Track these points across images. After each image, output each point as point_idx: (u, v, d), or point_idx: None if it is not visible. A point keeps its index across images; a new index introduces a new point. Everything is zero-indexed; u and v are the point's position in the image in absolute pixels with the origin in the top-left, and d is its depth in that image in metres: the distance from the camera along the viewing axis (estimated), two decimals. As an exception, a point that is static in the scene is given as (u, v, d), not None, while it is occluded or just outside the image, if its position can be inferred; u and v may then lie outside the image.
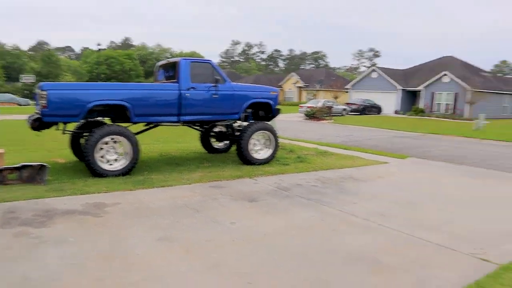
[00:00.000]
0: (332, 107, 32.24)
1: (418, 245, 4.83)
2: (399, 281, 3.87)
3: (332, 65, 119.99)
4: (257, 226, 5.24)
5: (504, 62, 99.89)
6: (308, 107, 31.23)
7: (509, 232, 5.44)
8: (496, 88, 40.22)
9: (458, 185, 8.40)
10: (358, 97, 43.35)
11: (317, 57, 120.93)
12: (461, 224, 5.73)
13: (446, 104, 38.78)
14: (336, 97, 45.19)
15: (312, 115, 29.10)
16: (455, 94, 37.92)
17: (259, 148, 9.65)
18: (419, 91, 40.94)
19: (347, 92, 48.15)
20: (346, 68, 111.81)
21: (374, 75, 45.15)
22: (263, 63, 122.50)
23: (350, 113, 37.21)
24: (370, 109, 39.55)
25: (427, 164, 11.06)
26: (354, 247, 4.65)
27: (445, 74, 38.75)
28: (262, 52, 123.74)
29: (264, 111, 10.22)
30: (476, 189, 8.16)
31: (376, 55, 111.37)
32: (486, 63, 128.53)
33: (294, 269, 4.01)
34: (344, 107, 36.92)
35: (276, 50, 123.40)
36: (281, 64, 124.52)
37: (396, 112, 41.77)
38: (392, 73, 44.51)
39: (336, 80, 57.56)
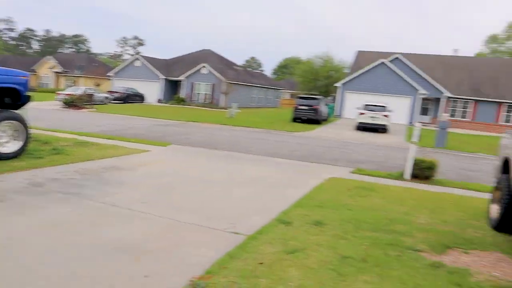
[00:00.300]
0: (93, 95, 30.88)
1: (179, 227, 5.10)
2: (160, 264, 3.99)
3: (94, 50, 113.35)
4: (1, 231, 4.59)
5: (253, 58, 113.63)
6: (67, 94, 29.09)
7: (256, 207, 6.30)
8: (246, 81, 45.60)
9: (214, 169, 9.21)
10: (121, 85, 42.45)
11: (77, 41, 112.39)
12: (217, 204, 6.33)
13: (205, 94, 41.78)
14: (98, 85, 43.50)
15: (71, 103, 27.18)
16: (213, 85, 41.18)
17: (5, 141, 8.43)
18: (181, 81, 42.85)
19: (109, 79, 46.64)
20: (110, 55, 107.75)
21: (137, 63, 45.00)
22: (13, 42, 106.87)
23: (113, 102, 36.19)
24: (133, 98, 39.29)
25: (187, 150, 11.74)
26: (116, 238, 4.57)
27: (204, 66, 41.66)
28: (12, 30, 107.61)
29: (11, 98, 8.97)
30: (230, 171, 9.09)
31: (140, 43, 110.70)
32: (238, 58, 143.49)
33: (46, 272, 3.68)
34: (106, 95, 35.69)
35: (29, 29, 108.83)
36: (36, 45, 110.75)
37: (159, 100, 42.72)
38: (155, 62, 45.24)
39: (98, 66, 55.60)
